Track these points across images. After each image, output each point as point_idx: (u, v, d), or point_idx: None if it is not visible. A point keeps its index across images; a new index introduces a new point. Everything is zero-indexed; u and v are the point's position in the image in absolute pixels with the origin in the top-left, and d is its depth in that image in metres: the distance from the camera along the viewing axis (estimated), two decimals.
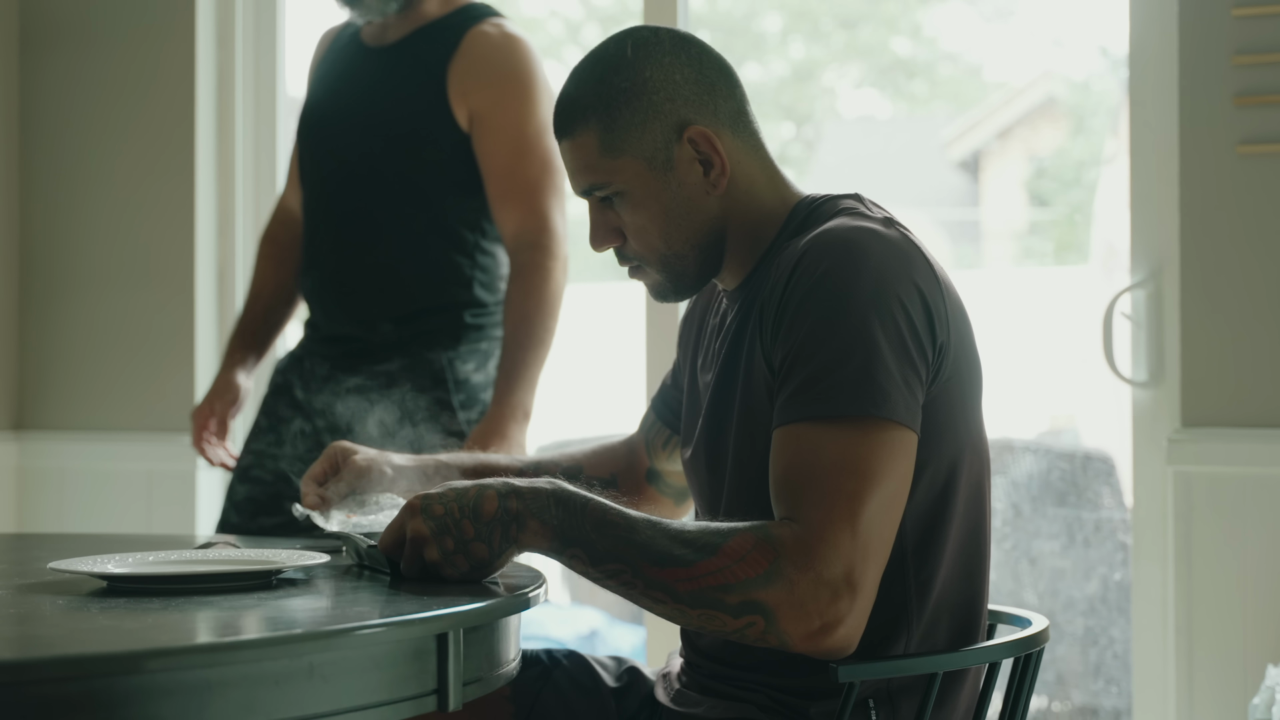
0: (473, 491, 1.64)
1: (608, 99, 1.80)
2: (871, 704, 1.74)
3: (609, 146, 1.80)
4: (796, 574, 1.57)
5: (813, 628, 1.58)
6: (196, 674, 1.26)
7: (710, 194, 1.82)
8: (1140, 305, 3.11)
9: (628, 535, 1.61)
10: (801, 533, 1.59)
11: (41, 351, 3.92)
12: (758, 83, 6.14)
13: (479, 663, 1.55)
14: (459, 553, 1.63)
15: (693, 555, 1.59)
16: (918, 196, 5.96)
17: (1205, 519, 3.00)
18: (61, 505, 3.90)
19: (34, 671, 1.21)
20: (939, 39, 6.15)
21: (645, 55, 1.81)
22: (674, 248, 1.83)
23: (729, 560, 1.58)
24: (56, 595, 1.57)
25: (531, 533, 1.63)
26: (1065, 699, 4.41)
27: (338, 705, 1.36)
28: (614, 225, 1.84)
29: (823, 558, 1.57)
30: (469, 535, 1.62)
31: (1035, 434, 5.01)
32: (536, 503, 1.63)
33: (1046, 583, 4.42)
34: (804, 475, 1.62)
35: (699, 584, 1.59)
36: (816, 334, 1.66)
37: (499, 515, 1.63)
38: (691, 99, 1.81)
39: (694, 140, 1.80)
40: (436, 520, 1.63)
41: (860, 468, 1.61)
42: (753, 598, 1.58)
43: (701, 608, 1.60)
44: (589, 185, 1.83)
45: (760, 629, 1.59)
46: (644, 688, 2.00)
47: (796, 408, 1.65)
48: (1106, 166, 5.12)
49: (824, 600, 1.57)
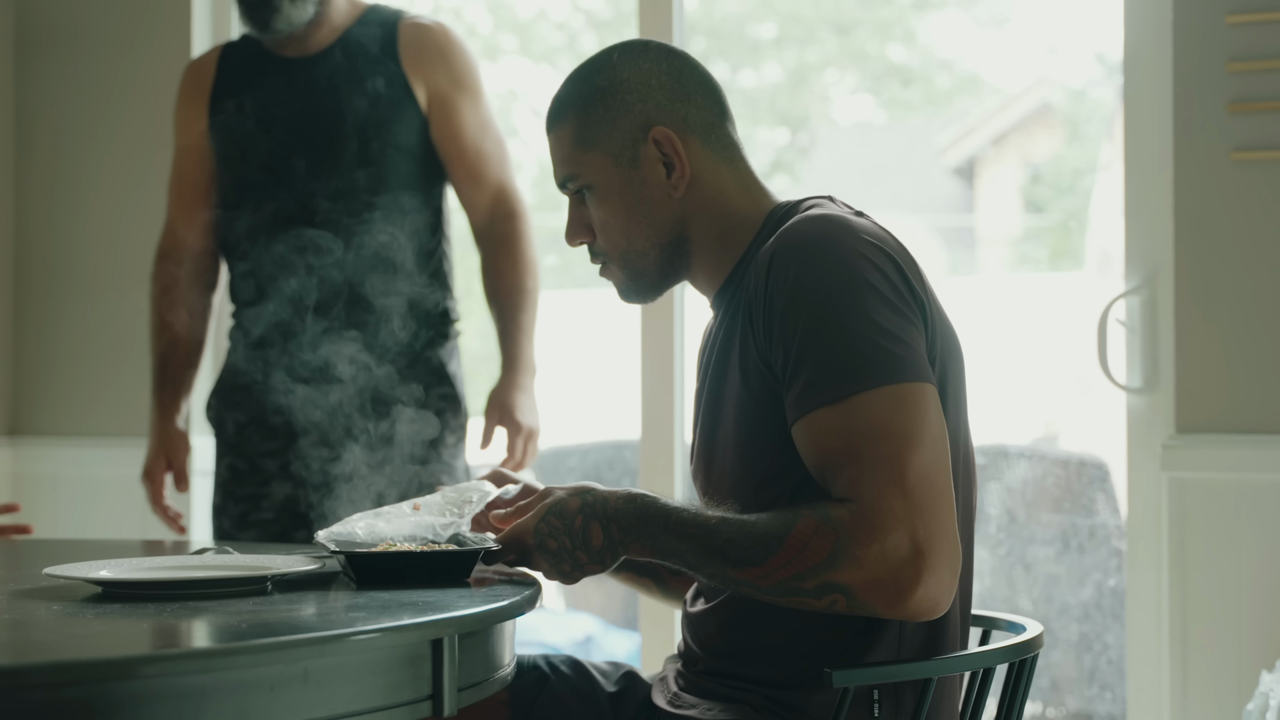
0: (578, 524, 1.75)
1: (586, 95, 1.90)
2: (876, 695, 1.77)
3: (581, 140, 1.90)
4: (861, 550, 1.62)
5: (890, 596, 1.63)
6: (191, 679, 1.27)
7: (672, 195, 1.89)
8: (1135, 311, 3.12)
9: (706, 542, 1.70)
10: (856, 509, 1.64)
11: (36, 357, 3.91)
12: (752, 89, 6.15)
13: (474, 668, 1.55)
14: (575, 572, 1.77)
15: (761, 553, 1.66)
16: (912, 203, 5.96)
17: (1199, 525, 3.00)
18: (56, 511, 3.90)
19: (29, 677, 1.21)
20: (934, 45, 6.15)
21: (628, 60, 1.91)
22: (635, 245, 1.90)
23: (794, 551, 1.65)
24: (51, 601, 1.57)
25: (635, 552, 1.74)
26: (1060, 705, 4.41)
27: (333, 711, 1.36)
28: (585, 220, 1.94)
29: (881, 527, 1.62)
30: (584, 561, 1.75)
31: (1030, 440, 5.01)
32: (633, 529, 1.74)
33: (1041, 588, 4.42)
34: (842, 454, 1.66)
35: (774, 579, 1.66)
36: (811, 323, 1.71)
37: (606, 544, 1.74)
38: (663, 104, 1.89)
39: (658, 141, 1.88)
40: (553, 554, 1.76)
41: (893, 430, 1.65)
42: (827, 580, 1.64)
43: (787, 596, 1.67)
44: (564, 177, 1.93)
45: (844, 604, 1.65)
46: (641, 692, 2.01)
47: (814, 396, 1.69)
48: (1101, 173, 5.13)
49: (893, 568, 1.62)
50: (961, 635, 1.84)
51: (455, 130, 2.93)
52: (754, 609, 1.83)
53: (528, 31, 6.68)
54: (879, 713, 1.77)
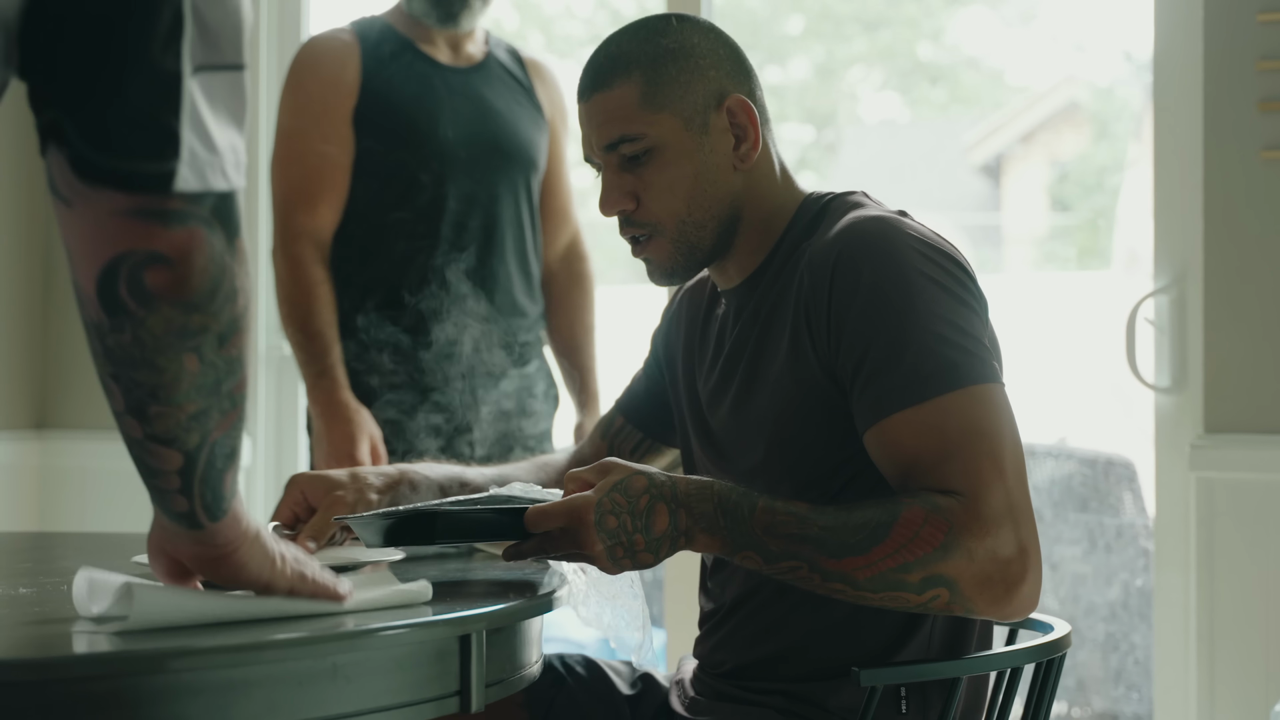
0: (643, 504, 1.61)
1: (654, 55, 1.82)
2: (903, 694, 1.75)
3: (650, 100, 1.81)
4: (974, 542, 1.59)
5: (997, 594, 1.60)
6: (221, 674, 1.27)
7: (738, 168, 1.84)
8: (1163, 310, 3.10)
9: (800, 532, 1.61)
10: (966, 502, 1.60)
11: (63, 351, 3.93)
12: (779, 85, 6.14)
13: (501, 664, 1.55)
14: (626, 558, 1.62)
15: (866, 541, 1.59)
16: (939, 201, 5.95)
17: (1227, 525, 2.99)
18: (83, 504, 3.91)
19: (59, 670, 1.22)
20: (961, 43, 6.14)
21: (691, 27, 1.85)
22: (695, 215, 1.82)
23: (904, 539, 1.59)
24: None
25: (700, 544, 1.63)
26: (1086, 705, 4.40)
27: (361, 706, 1.36)
28: (630, 188, 1.83)
29: (993, 521, 1.60)
30: (639, 547, 1.62)
31: (1057, 439, 5.00)
32: (705, 517, 1.62)
33: (1068, 588, 4.41)
34: (939, 450, 1.63)
35: (877, 569, 1.59)
36: (886, 327, 1.68)
37: (669, 531, 1.62)
38: (732, 73, 1.84)
39: (732, 110, 1.83)
40: (610, 533, 1.60)
41: (985, 429, 1.64)
42: (935, 572, 1.59)
43: (884, 590, 1.60)
44: (619, 136, 1.82)
45: (945, 600, 1.60)
46: (658, 695, 1.99)
47: (895, 399, 1.66)
48: (1129, 171, 5.11)
49: (1002, 564, 1.59)
50: (983, 635, 1.83)
51: (558, 167, 3.04)
52: (774, 611, 1.81)
53: (552, 28, 6.68)
54: (905, 710, 1.76)
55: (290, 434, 3.83)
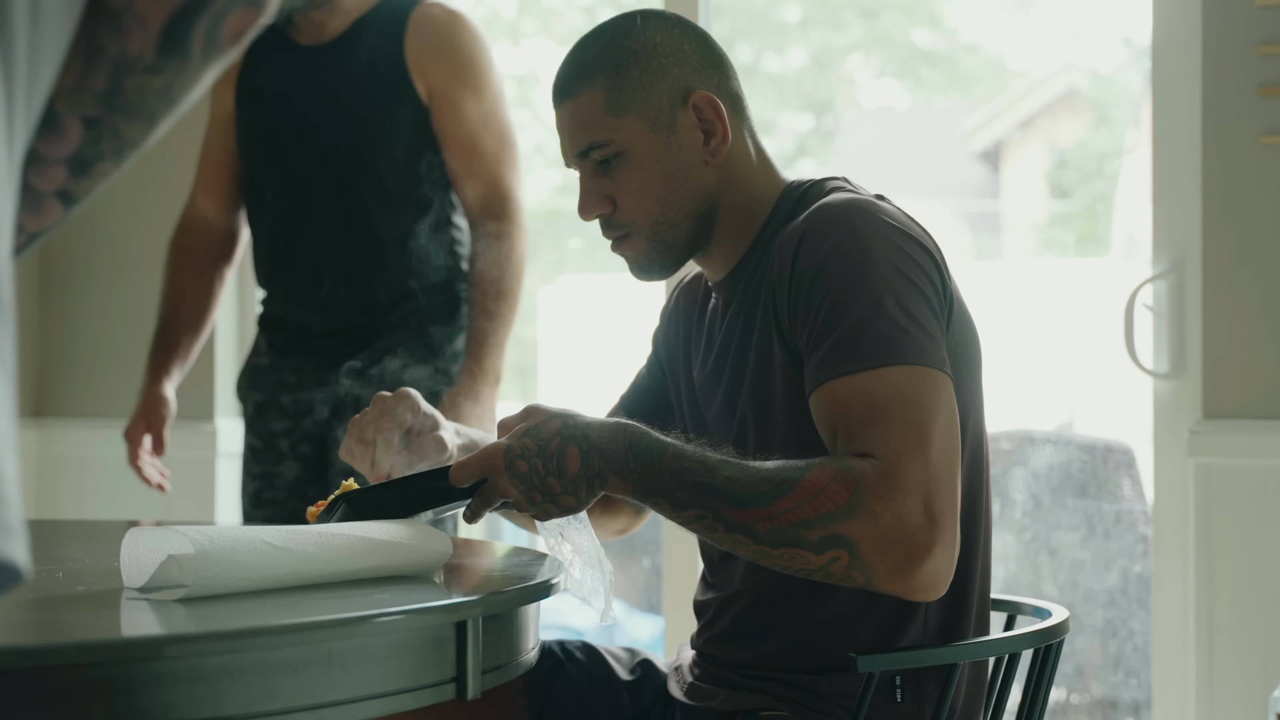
0: (554, 446, 1.62)
1: (616, 59, 1.82)
2: (898, 680, 1.75)
3: (614, 104, 1.82)
4: (879, 505, 1.55)
5: (899, 561, 1.56)
6: (215, 660, 1.26)
7: (709, 163, 1.84)
8: (1162, 296, 3.10)
9: (705, 480, 1.59)
10: (879, 464, 1.57)
11: (61, 339, 3.92)
12: (777, 72, 6.13)
13: (498, 651, 1.55)
14: (547, 503, 1.63)
15: (770, 494, 1.57)
16: (938, 188, 5.94)
17: (1226, 511, 2.99)
18: (81, 492, 3.91)
19: (53, 657, 1.21)
20: (960, 29, 6.13)
21: (654, 24, 1.85)
22: (668, 214, 1.83)
23: (808, 495, 1.56)
24: (77, 581, 1.57)
25: (614, 486, 1.63)
26: (1085, 691, 4.40)
27: (356, 693, 1.36)
28: (606, 192, 1.84)
29: (903, 487, 1.56)
30: (555, 490, 1.62)
31: (1055, 425, 5.00)
32: (616, 459, 1.61)
33: (1066, 574, 4.40)
34: (864, 415, 1.61)
35: (778, 522, 1.57)
36: (841, 298, 1.67)
37: (582, 473, 1.62)
38: (698, 68, 1.84)
39: (698, 106, 1.82)
40: (522, 478, 1.62)
41: (918, 401, 1.61)
42: (835, 531, 1.56)
43: (783, 546, 1.57)
44: (588, 144, 1.83)
45: (844, 564, 1.56)
46: (657, 680, 2.00)
47: (835, 364, 1.65)
48: (1128, 157, 5.10)
49: (908, 531, 1.55)
50: (979, 622, 1.83)
51: (450, 124, 2.91)
52: (772, 607, 1.81)
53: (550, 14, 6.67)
54: (901, 698, 1.76)
55: None
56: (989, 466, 1.84)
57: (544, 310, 6.27)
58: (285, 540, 1.48)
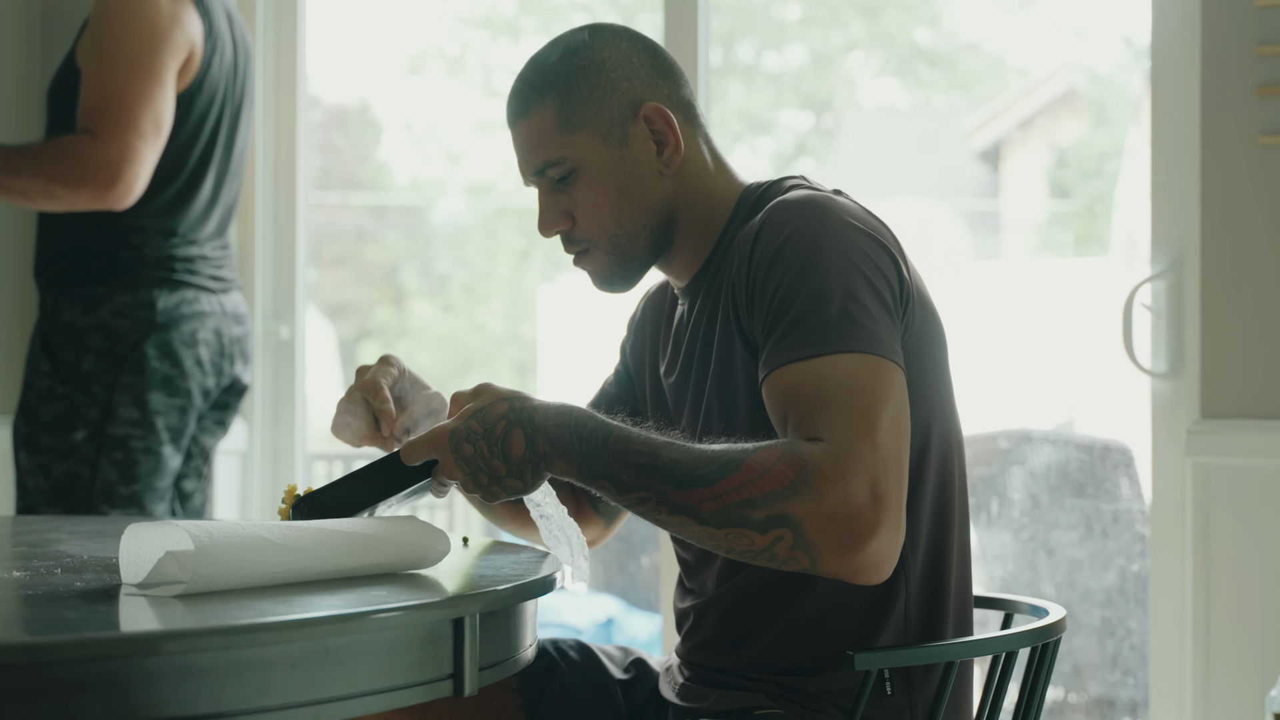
0: (499, 429, 1.62)
1: (565, 76, 1.84)
2: (887, 675, 1.75)
3: (565, 121, 1.83)
4: (825, 485, 1.55)
5: (843, 540, 1.55)
6: (213, 656, 1.27)
7: (663, 174, 1.85)
8: (1160, 296, 3.10)
9: (650, 462, 1.59)
10: (826, 446, 1.57)
11: None
12: (776, 71, 6.13)
13: (495, 648, 1.55)
14: (494, 485, 1.63)
15: (715, 474, 1.57)
16: (937, 187, 5.94)
17: (1224, 511, 2.99)
18: None
19: (51, 653, 1.22)
20: (960, 29, 6.13)
21: (602, 39, 1.86)
22: (625, 227, 1.85)
23: (753, 474, 1.56)
24: (75, 577, 1.57)
25: (559, 469, 1.62)
26: (1082, 690, 4.40)
27: (354, 689, 1.36)
28: (564, 208, 1.86)
29: (849, 468, 1.56)
30: (501, 473, 1.62)
31: (1053, 425, 5.00)
32: (561, 443, 1.61)
33: (1064, 573, 4.41)
34: (814, 399, 1.62)
35: (722, 502, 1.56)
36: (793, 288, 1.68)
37: (527, 456, 1.61)
38: (647, 81, 1.85)
39: (649, 118, 1.84)
40: (468, 461, 1.62)
41: (867, 386, 1.62)
42: (780, 510, 1.55)
43: (728, 526, 1.57)
44: (543, 163, 1.85)
45: (789, 543, 1.56)
46: (651, 680, 2.00)
47: (786, 351, 1.66)
48: (1127, 157, 5.11)
49: (853, 510, 1.55)
50: (959, 616, 1.83)
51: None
52: (747, 599, 1.82)
53: (550, 12, 6.67)
54: (891, 690, 1.77)
55: (287, 417, 3.83)
56: (963, 461, 1.84)
57: (543, 308, 6.28)
58: (284, 536, 1.49)
